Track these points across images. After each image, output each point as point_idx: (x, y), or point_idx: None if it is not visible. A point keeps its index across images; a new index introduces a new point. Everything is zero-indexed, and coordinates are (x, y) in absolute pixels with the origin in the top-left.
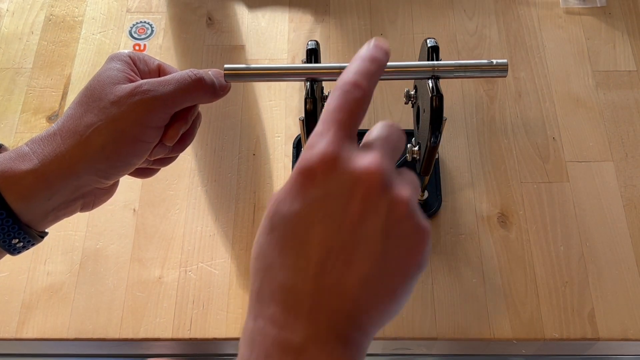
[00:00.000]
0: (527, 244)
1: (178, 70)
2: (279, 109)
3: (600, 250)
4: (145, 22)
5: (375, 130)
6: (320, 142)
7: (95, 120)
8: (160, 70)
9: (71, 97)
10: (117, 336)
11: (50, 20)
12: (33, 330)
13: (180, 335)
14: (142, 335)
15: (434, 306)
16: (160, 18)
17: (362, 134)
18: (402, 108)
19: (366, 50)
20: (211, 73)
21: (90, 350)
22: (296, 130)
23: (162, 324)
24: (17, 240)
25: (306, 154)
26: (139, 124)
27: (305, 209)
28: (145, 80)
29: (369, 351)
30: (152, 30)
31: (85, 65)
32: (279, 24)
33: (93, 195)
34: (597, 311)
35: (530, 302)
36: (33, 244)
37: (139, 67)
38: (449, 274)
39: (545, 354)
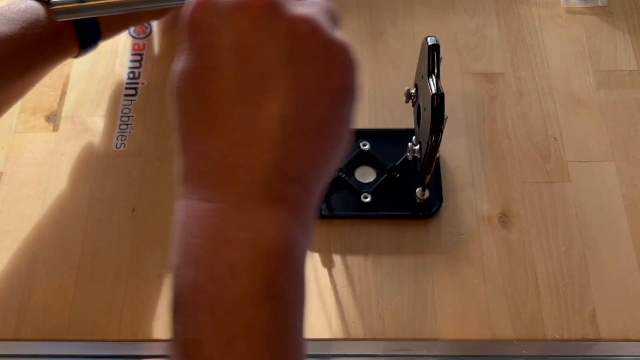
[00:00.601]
0: (528, 244)
1: None
2: None
3: (601, 251)
4: None
5: None
6: None
7: None
8: None
9: (70, 97)
10: (116, 337)
11: None
12: (32, 330)
13: None
14: (141, 336)
15: (434, 307)
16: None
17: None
18: (402, 107)
19: None
20: None
21: (90, 351)
22: None
23: (161, 324)
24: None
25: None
26: None
27: (192, 63)
28: None
29: (368, 352)
30: (152, 30)
31: (84, 64)
32: None
33: None
34: (599, 312)
35: (531, 302)
36: None
37: None
38: (449, 274)
39: (546, 354)
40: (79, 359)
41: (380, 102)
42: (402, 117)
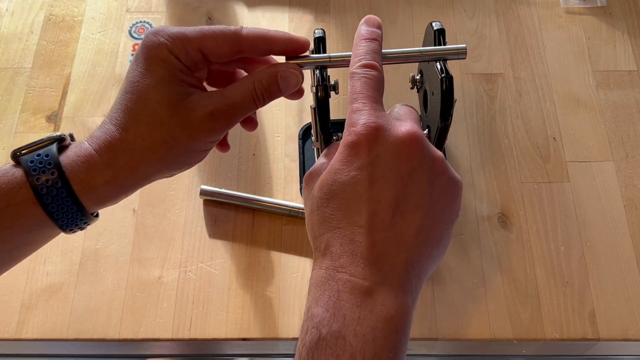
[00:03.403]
0: (527, 244)
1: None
2: (279, 109)
3: (600, 251)
4: (145, 21)
5: (397, 108)
6: (360, 117)
7: (168, 139)
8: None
9: (71, 97)
10: (116, 336)
11: (49, 20)
12: (32, 330)
13: (180, 336)
14: (141, 335)
15: (434, 306)
16: (160, 18)
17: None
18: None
19: (365, 30)
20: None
21: (90, 351)
22: (296, 130)
23: (161, 324)
24: (79, 229)
25: (351, 129)
26: (210, 143)
27: (361, 174)
28: (215, 107)
29: None
30: None
31: (84, 65)
32: (279, 23)
33: None
34: (598, 311)
35: (531, 302)
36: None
37: (182, 61)
38: (449, 274)
39: (546, 354)
40: (79, 358)
41: None
42: None
